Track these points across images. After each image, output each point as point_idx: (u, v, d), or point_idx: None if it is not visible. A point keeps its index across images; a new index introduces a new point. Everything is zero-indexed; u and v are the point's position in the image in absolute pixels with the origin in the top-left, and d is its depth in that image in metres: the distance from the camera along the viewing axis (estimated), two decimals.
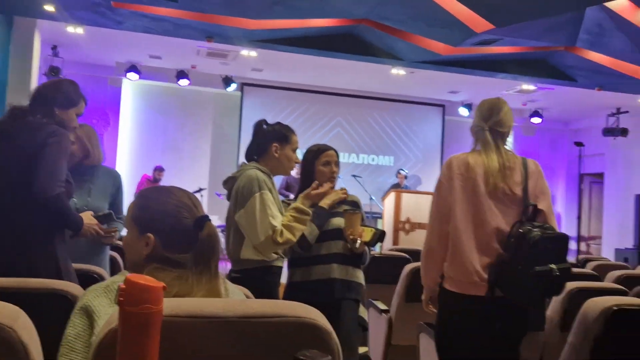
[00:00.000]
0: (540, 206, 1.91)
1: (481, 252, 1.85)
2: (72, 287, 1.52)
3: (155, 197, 1.22)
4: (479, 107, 2.04)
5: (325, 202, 2.22)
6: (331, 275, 2.25)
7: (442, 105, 10.51)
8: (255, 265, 2.07)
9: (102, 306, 1.07)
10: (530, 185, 1.93)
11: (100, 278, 1.92)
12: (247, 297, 1.40)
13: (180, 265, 1.11)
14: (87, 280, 1.80)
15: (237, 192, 2.08)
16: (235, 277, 2.03)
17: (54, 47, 8.01)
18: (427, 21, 6.27)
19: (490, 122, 1.98)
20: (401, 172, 9.06)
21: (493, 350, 1.88)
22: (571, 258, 6.43)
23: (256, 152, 2.19)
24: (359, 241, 2.16)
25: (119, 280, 1.11)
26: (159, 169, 8.15)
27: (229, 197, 2.17)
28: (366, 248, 2.27)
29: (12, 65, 6.97)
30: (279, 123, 2.23)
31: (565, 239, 1.89)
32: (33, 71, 7.06)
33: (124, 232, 1.50)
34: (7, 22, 6.94)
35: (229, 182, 2.18)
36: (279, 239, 1.97)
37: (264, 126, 2.21)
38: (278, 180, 6.39)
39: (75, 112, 2.02)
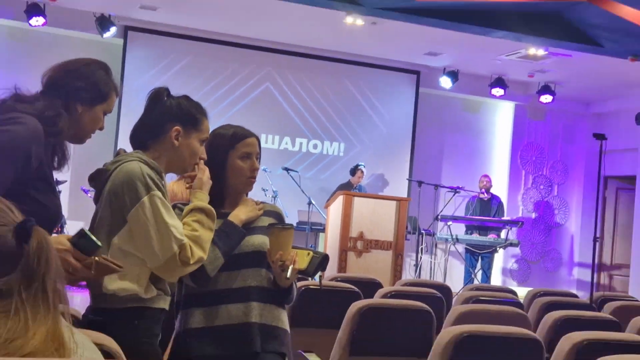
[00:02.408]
0: None
1: None
2: None
3: None
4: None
5: (238, 216, 2.13)
6: (248, 318, 2.11)
7: (416, 72, 9.54)
8: (125, 305, 1.86)
9: None
10: None
11: None
12: (108, 353, 1.40)
13: (3, 295, 0.94)
14: None
15: (111, 194, 1.87)
16: (96, 321, 1.85)
17: None
18: None
19: None
20: (360, 166, 8.33)
21: None
22: (584, 295, 7.36)
23: (148, 135, 2.01)
24: (290, 269, 2.01)
25: None
26: None
27: (96, 200, 1.95)
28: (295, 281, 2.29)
29: None
30: (187, 97, 2.05)
31: None
32: None
33: None
34: None
35: (98, 178, 1.95)
36: (191, 259, 1.81)
37: (165, 98, 2.01)
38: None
39: (102, 109, 1.99)
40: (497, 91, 9.34)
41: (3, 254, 0.92)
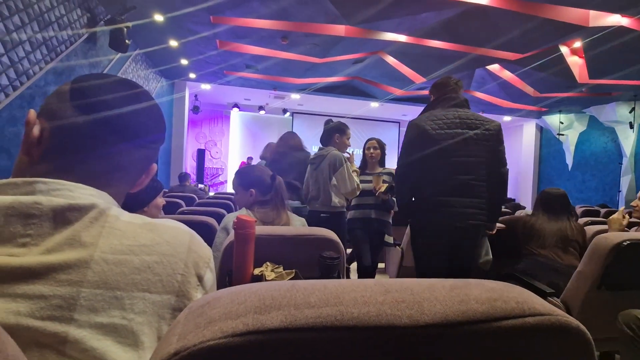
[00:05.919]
0: None
1: None
2: (211, 220, 2.12)
3: (248, 171, 1.75)
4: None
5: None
6: (371, 216, 2.99)
7: (398, 122, 13.51)
8: (336, 210, 2.69)
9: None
10: None
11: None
12: (304, 225, 1.76)
13: (268, 202, 1.61)
14: None
15: (330, 162, 2.58)
16: (325, 217, 2.61)
17: (195, 95, 11.23)
18: (389, 77, 7.93)
19: None
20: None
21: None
22: None
23: (329, 139, 2.81)
24: (378, 191, 2.87)
25: (236, 214, 1.62)
26: (250, 158, 10.86)
27: (315, 167, 2.66)
28: (393, 198, 2.96)
29: (175, 106, 9.97)
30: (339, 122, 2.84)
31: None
32: (185, 108, 10.05)
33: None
34: (171, 84, 9.77)
35: (315, 159, 2.74)
36: (357, 191, 2.68)
37: (329, 125, 2.81)
38: None
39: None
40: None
41: (268, 184, 1.60)
